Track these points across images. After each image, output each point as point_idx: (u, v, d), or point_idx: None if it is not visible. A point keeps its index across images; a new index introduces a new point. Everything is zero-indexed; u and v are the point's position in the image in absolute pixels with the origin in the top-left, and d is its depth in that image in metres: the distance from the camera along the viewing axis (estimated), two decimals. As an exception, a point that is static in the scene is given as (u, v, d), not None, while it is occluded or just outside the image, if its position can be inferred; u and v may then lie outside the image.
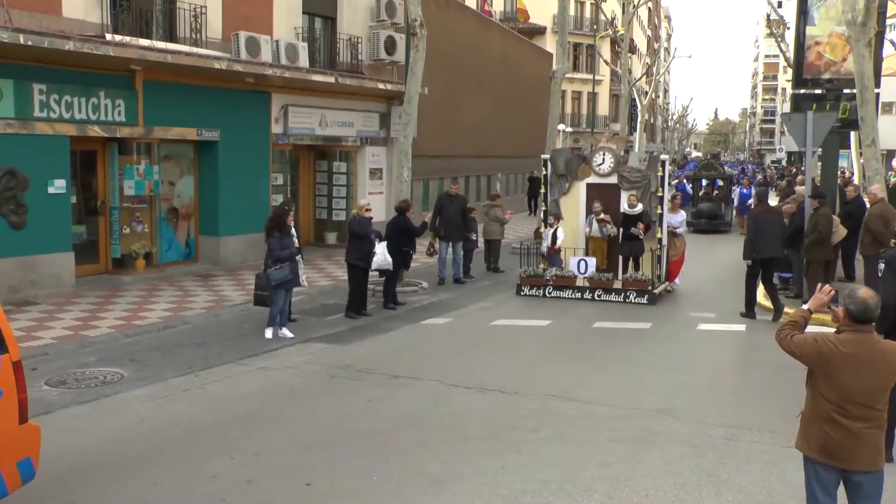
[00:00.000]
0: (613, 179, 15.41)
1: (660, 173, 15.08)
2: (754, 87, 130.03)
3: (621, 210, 15.04)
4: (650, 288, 14.42)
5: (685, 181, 31.28)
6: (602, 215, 15.06)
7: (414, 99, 16.06)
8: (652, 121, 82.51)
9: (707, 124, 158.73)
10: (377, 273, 13.81)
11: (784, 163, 66.50)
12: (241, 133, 17.69)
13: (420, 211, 24.63)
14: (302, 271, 12.11)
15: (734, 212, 28.21)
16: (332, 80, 18.63)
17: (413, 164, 16.68)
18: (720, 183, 29.85)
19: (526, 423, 8.05)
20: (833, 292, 5.01)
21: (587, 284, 14.76)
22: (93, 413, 8.34)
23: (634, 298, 14.35)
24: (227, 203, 17.52)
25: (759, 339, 12.05)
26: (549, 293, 14.88)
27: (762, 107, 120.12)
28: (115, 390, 9.08)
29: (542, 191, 16.00)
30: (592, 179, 15.60)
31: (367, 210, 13.35)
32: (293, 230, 11.94)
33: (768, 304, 13.83)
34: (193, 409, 8.52)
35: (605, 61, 47.94)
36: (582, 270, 14.77)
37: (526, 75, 36.12)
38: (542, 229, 16.06)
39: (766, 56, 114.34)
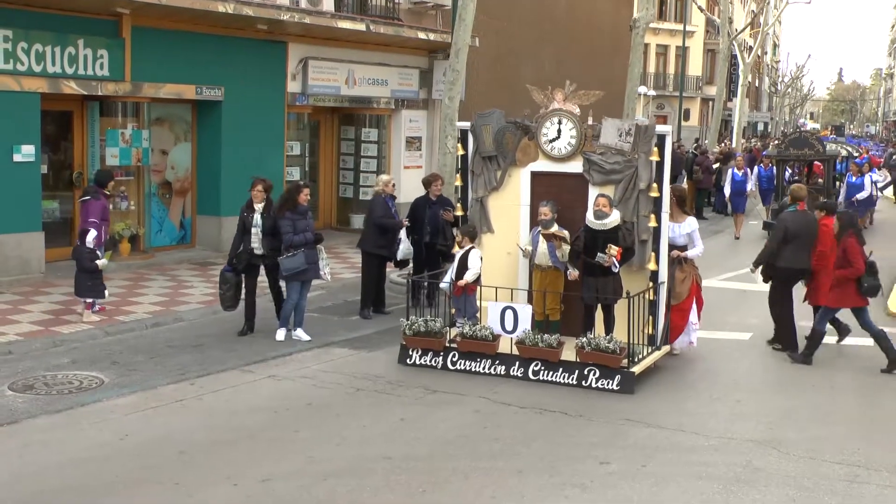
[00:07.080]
0: (576, 167, 11.22)
1: (654, 158, 10.83)
2: (893, 41, 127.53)
3: (585, 221, 10.74)
4: (624, 364, 10.12)
5: (771, 165, 25.71)
6: (554, 228, 10.89)
7: (462, 52, 16.03)
8: (757, 84, 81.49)
9: (828, 89, 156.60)
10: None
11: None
12: (249, 92, 17.82)
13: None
14: (324, 262, 12.18)
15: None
16: (362, 27, 18.68)
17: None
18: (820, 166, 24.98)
19: (593, 453, 8.02)
20: None
21: (515, 352, 10.54)
22: (66, 425, 8.47)
23: (596, 380, 10.11)
24: (231, 176, 17.60)
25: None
26: (454, 363, 10.76)
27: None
28: (93, 398, 9.22)
29: (458, 184, 11.98)
30: (541, 166, 11.44)
31: (391, 186, 13.38)
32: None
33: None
34: (188, 423, 8.63)
35: (699, 7, 47.37)
36: (508, 327, 10.61)
37: (599, 24, 35.83)
38: (454, 249, 11.70)
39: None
